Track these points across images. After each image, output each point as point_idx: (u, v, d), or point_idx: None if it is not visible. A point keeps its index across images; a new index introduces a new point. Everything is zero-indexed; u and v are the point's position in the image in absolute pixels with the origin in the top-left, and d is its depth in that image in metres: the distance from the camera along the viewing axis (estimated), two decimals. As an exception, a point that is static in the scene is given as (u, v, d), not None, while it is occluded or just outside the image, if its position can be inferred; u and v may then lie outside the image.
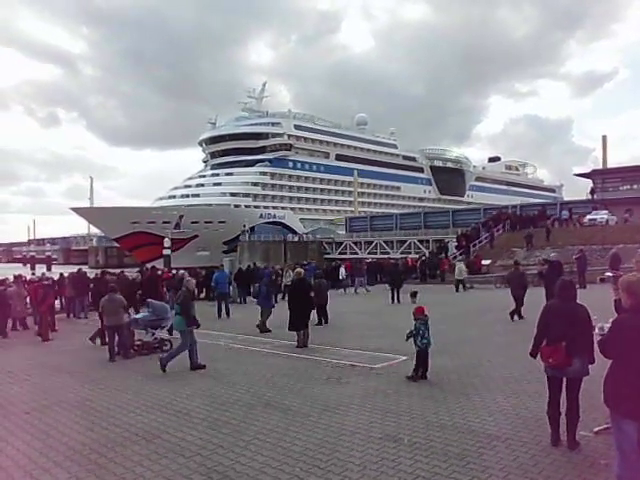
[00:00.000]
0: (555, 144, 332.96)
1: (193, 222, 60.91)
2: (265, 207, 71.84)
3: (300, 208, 77.37)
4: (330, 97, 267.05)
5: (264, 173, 74.46)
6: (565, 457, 4.80)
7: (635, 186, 37.11)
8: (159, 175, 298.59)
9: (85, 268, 25.63)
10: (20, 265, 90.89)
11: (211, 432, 5.87)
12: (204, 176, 75.63)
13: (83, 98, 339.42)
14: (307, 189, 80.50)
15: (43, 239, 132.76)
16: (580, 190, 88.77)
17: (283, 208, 74.10)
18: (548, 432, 5.18)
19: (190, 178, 77.33)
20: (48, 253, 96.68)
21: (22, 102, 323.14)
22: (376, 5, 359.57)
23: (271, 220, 69.64)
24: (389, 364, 9.09)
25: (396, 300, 19.75)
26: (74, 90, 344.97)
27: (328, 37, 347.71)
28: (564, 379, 5.04)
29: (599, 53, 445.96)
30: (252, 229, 61.69)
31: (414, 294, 19.52)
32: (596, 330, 5.23)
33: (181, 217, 60.95)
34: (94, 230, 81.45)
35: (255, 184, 72.90)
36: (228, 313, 17.37)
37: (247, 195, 71.16)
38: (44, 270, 46.02)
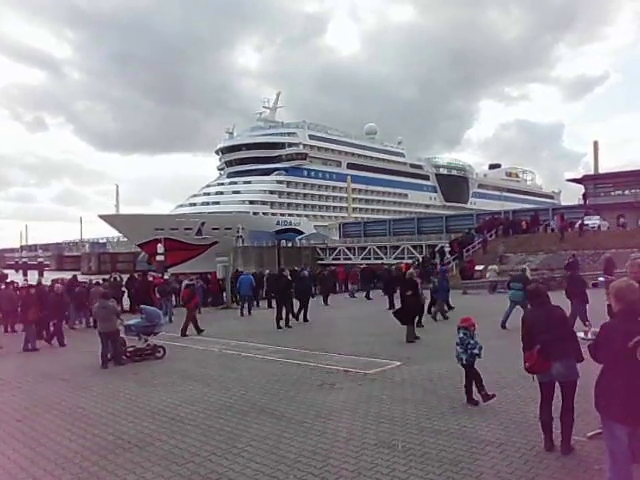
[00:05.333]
0: (546, 149, 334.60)
1: (214, 229, 62.71)
2: (281, 214, 74.33)
3: (314, 215, 79.89)
4: (321, 101, 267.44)
5: (280, 182, 77.30)
6: (559, 462, 4.81)
7: (627, 191, 37.36)
8: (149, 180, 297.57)
9: (78, 274, 25.43)
10: (13, 271, 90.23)
11: (204, 439, 5.83)
12: (222, 184, 78.45)
13: (70, 102, 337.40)
14: (320, 197, 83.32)
15: (35, 245, 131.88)
16: (572, 195, 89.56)
17: (298, 215, 76.58)
18: (542, 437, 5.18)
19: (208, 186, 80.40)
20: (40, 259, 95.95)
21: (8, 106, 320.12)
22: (363, 6, 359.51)
23: (287, 227, 71.67)
24: (383, 370, 9.08)
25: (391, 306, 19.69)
26: (61, 94, 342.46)
27: (316, 41, 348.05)
28: (555, 384, 5.07)
29: (590, 56, 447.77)
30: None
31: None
32: (589, 335, 5.26)
33: (203, 224, 63.06)
34: (86, 236, 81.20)
35: (272, 192, 75.74)
36: (250, 312, 20.02)
37: (265, 203, 73.91)
38: (36, 276, 45.69)
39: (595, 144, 76.57)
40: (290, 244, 61.44)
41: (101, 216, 66.99)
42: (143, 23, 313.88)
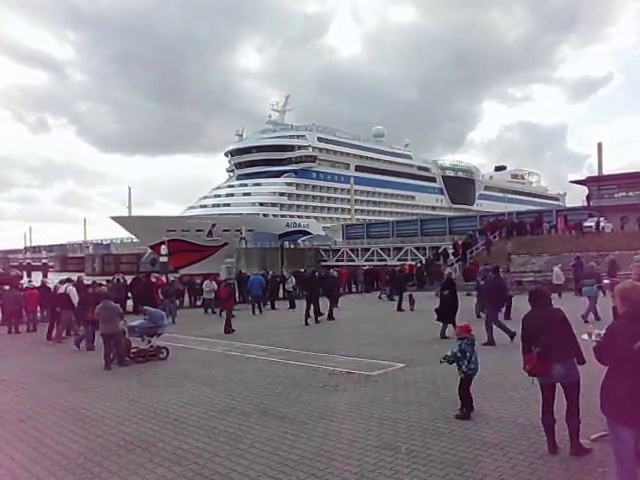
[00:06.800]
0: (550, 150, 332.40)
1: (224, 230, 63.44)
2: (291, 216, 75.32)
3: (323, 217, 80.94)
4: (322, 102, 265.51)
5: (290, 184, 78.29)
6: (563, 465, 4.79)
7: (631, 193, 37.20)
8: (151, 181, 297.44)
9: (82, 276, 25.52)
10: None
11: (207, 440, 5.84)
12: (232, 186, 79.39)
13: (72, 104, 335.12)
14: (329, 199, 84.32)
15: (39, 246, 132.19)
16: (577, 197, 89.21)
17: (307, 217, 77.50)
18: (545, 440, 5.17)
19: (219, 187, 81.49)
20: (44, 260, 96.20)
21: (9, 107, 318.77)
22: (364, 7, 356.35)
23: (296, 229, 72.53)
24: (386, 371, 9.07)
25: (407, 307, 19.64)
26: (63, 95, 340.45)
27: (317, 41, 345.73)
28: (556, 386, 5.05)
29: (593, 57, 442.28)
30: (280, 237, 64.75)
31: (412, 301, 19.56)
32: (593, 337, 5.24)
33: (214, 226, 63.97)
34: (90, 237, 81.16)
35: (282, 194, 76.84)
36: (260, 310, 20.93)
37: (274, 205, 75.04)
38: (41, 277, 45.78)
39: (599, 146, 76.03)
40: (293, 245, 61.54)
41: (113, 218, 67.87)
42: (143, 24, 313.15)
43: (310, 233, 72.17)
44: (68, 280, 16.93)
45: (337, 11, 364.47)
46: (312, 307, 16.67)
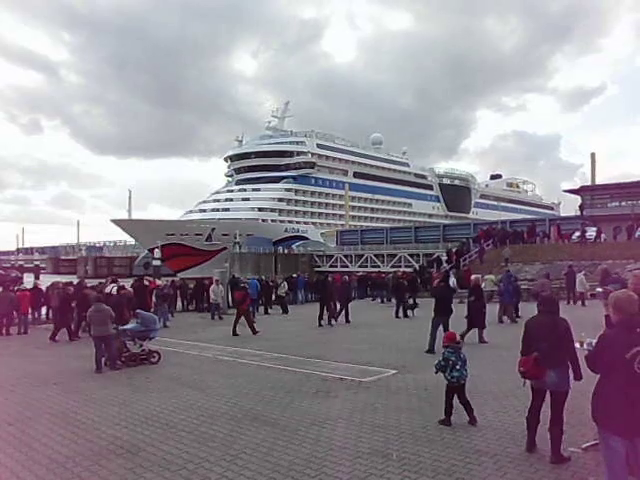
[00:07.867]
0: (543, 160, 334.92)
1: (224, 234, 63.51)
2: (289, 222, 75.91)
3: (321, 223, 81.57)
4: (318, 107, 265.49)
5: (289, 189, 79.16)
6: (553, 473, 4.79)
7: (623, 203, 37.48)
8: (145, 184, 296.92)
9: (74, 278, 25.38)
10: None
11: (197, 446, 5.80)
12: (232, 191, 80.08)
13: (66, 105, 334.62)
14: (327, 205, 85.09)
15: (31, 248, 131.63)
16: (571, 207, 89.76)
17: (305, 223, 78.22)
18: (536, 448, 5.17)
19: (218, 192, 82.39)
20: (37, 262, 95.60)
21: (3, 108, 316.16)
22: (360, 14, 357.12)
23: (295, 234, 72.97)
24: (378, 378, 9.06)
25: (401, 314, 19.62)
26: (57, 97, 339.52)
27: (312, 47, 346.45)
28: (547, 392, 5.11)
29: (587, 68, 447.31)
30: (278, 242, 65.48)
31: (412, 307, 19.57)
32: (584, 346, 5.26)
33: (213, 230, 64.20)
34: (83, 240, 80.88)
35: (281, 200, 77.62)
36: (254, 315, 19.90)
37: (273, 210, 75.75)
38: (32, 279, 45.48)
39: (592, 156, 76.85)
40: (287, 251, 61.58)
41: (113, 220, 67.95)
42: (139, 26, 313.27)
43: (308, 239, 72.45)
44: (114, 281, 17.60)
45: (333, 17, 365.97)
46: (322, 310, 17.23)
